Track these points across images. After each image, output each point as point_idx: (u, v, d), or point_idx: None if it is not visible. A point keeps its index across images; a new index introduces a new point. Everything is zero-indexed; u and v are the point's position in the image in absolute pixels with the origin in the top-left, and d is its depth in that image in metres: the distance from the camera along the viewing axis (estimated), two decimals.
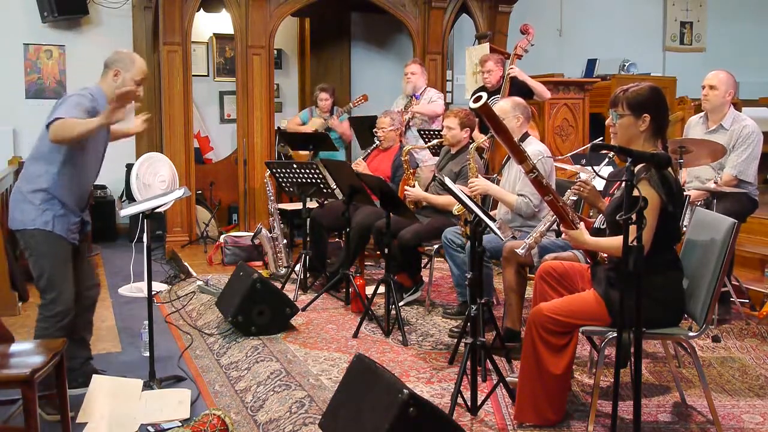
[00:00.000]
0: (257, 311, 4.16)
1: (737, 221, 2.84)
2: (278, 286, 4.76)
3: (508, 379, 3.16)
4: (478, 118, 4.88)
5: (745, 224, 4.34)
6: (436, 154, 5.55)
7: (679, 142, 4.29)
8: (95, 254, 6.57)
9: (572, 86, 6.43)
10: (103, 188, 7.62)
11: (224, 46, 8.44)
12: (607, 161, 3.61)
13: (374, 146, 5.52)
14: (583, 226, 2.97)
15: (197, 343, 4.30)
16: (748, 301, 4.57)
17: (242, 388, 3.55)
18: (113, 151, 3.70)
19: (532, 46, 5.87)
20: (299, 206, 5.41)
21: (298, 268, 5.13)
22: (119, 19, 7.85)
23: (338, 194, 5.00)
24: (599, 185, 3.39)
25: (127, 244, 6.13)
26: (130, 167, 6.18)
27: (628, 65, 8.61)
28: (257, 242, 5.76)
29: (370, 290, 4.58)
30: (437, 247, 4.52)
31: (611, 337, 2.80)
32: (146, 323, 3.77)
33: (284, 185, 5.28)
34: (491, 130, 2.90)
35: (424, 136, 5.74)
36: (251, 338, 4.12)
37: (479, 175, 4.30)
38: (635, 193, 2.39)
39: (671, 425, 3.00)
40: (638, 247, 2.38)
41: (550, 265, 3.20)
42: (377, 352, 3.89)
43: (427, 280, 4.85)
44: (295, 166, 5.17)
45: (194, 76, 7.10)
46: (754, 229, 5.44)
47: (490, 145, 5.39)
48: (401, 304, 4.61)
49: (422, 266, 5.01)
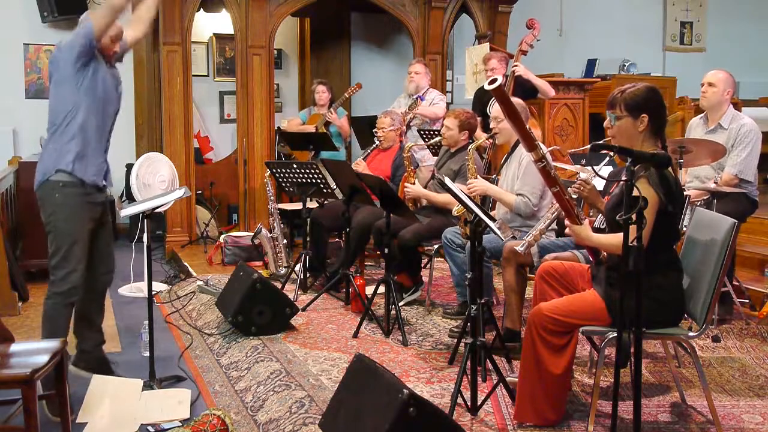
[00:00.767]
0: (257, 311, 4.16)
1: (737, 221, 2.84)
2: (278, 286, 4.77)
3: (508, 379, 3.16)
4: (480, 117, 4.89)
5: (745, 224, 4.34)
6: (436, 154, 5.55)
7: (679, 142, 4.29)
8: None
9: (572, 86, 6.42)
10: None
11: (224, 46, 8.45)
12: (607, 161, 3.61)
13: (374, 146, 5.52)
14: (587, 222, 2.98)
15: (197, 343, 4.30)
16: (748, 301, 4.57)
17: (242, 388, 3.55)
18: (113, 151, 3.70)
19: (538, 41, 5.87)
20: (299, 206, 5.41)
21: (298, 268, 5.13)
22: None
23: (338, 194, 5.00)
24: (599, 185, 3.39)
25: (127, 244, 6.13)
26: (130, 167, 6.18)
27: (628, 65, 8.61)
28: (257, 242, 5.76)
29: (370, 290, 4.57)
30: (437, 247, 4.52)
31: (611, 337, 2.79)
32: (146, 323, 3.77)
33: (284, 185, 5.28)
34: (504, 114, 2.90)
35: (423, 135, 5.75)
36: (251, 338, 4.12)
37: (478, 175, 4.30)
38: (635, 192, 2.39)
39: (671, 425, 2.99)
40: (638, 247, 2.38)
41: (550, 265, 3.20)
42: (377, 352, 3.89)
43: (427, 280, 4.85)
44: (295, 166, 5.17)
45: (194, 76, 7.10)
46: (754, 229, 5.45)
47: (491, 144, 5.38)
48: (401, 304, 4.61)
49: (422, 266, 5.01)
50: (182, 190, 3.76)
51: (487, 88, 2.82)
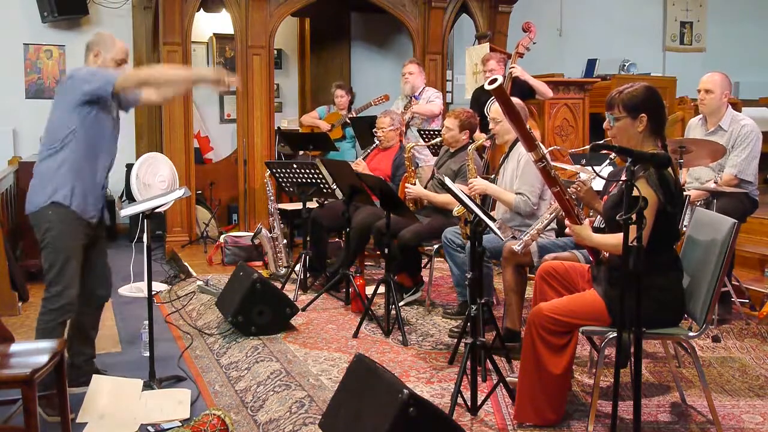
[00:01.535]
0: (257, 311, 4.16)
1: (737, 221, 2.84)
2: (278, 286, 4.77)
3: (508, 379, 3.16)
4: (479, 118, 4.89)
5: (745, 224, 4.34)
6: (436, 154, 5.55)
7: (679, 142, 4.29)
8: None
9: (572, 86, 6.43)
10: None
11: (224, 46, 8.45)
12: (608, 162, 3.61)
13: (374, 146, 5.53)
14: (587, 222, 2.98)
15: (197, 343, 4.30)
16: (748, 301, 4.57)
17: (242, 388, 3.55)
18: None
19: (534, 44, 5.87)
20: (299, 206, 5.40)
21: (298, 268, 5.13)
22: (119, 19, 7.85)
23: (338, 194, 5.00)
24: (599, 185, 3.39)
25: (127, 244, 6.14)
26: (130, 167, 6.18)
27: (628, 65, 8.61)
28: (257, 242, 5.76)
29: (370, 290, 4.57)
30: (437, 247, 4.52)
31: (611, 337, 2.79)
32: (146, 323, 3.77)
33: (284, 185, 5.28)
34: (504, 113, 2.90)
35: (424, 135, 5.74)
36: (251, 338, 4.12)
37: (478, 175, 4.30)
38: (635, 193, 2.39)
39: (671, 425, 3.00)
40: (638, 247, 2.38)
41: (550, 265, 3.20)
42: (377, 352, 3.89)
43: (427, 280, 4.85)
44: (295, 166, 5.17)
45: None
46: (754, 229, 5.45)
47: (490, 144, 5.38)
48: (401, 304, 4.61)
49: (422, 266, 5.01)
50: (182, 190, 3.76)
51: (487, 88, 2.82)
